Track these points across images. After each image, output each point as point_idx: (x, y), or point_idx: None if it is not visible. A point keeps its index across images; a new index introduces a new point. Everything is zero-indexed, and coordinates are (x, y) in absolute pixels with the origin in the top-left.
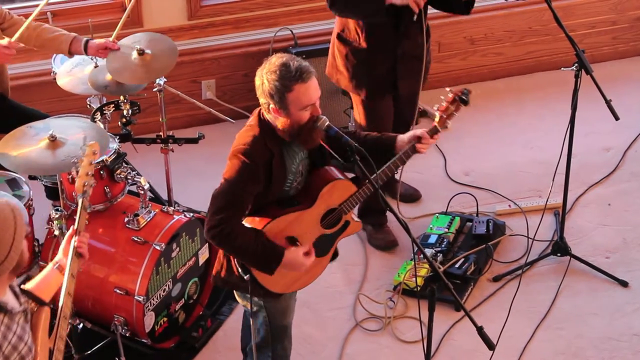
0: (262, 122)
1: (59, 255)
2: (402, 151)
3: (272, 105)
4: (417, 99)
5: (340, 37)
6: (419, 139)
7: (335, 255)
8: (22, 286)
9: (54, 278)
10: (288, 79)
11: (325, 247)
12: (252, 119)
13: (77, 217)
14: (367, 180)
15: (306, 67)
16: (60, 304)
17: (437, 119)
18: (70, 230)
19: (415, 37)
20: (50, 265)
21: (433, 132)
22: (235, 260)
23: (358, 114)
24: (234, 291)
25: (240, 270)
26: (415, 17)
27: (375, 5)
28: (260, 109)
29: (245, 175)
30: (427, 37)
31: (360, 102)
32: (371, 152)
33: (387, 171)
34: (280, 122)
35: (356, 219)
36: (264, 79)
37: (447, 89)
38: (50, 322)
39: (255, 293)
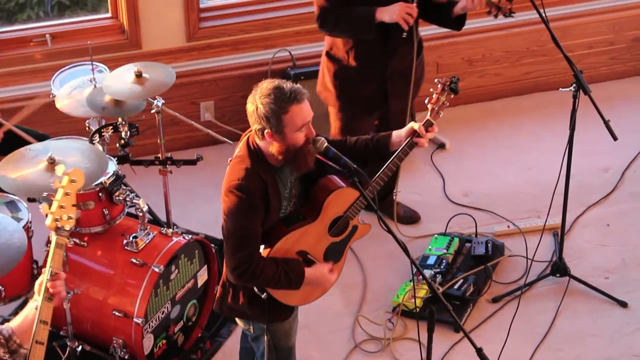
0: (252, 152)
1: (36, 295)
2: (401, 148)
3: (267, 130)
4: (405, 116)
5: (329, 55)
6: (415, 132)
7: None
8: (5, 324)
9: (33, 319)
10: (283, 101)
11: (337, 255)
12: (241, 149)
13: (49, 258)
14: (367, 186)
15: (299, 89)
16: (27, 351)
17: (430, 112)
18: (44, 275)
19: (404, 54)
20: (29, 305)
21: (428, 125)
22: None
23: (334, 128)
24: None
25: (257, 289)
26: (404, 34)
27: (365, 23)
28: (248, 137)
29: (246, 211)
30: (419, 52)
31: (340, 117)
32: (366, 155)
33: (387, 171)
34: (275, 147)
35: (363, 221)
36: (258, 103)
37: (436, 80)
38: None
39: (264, 320)
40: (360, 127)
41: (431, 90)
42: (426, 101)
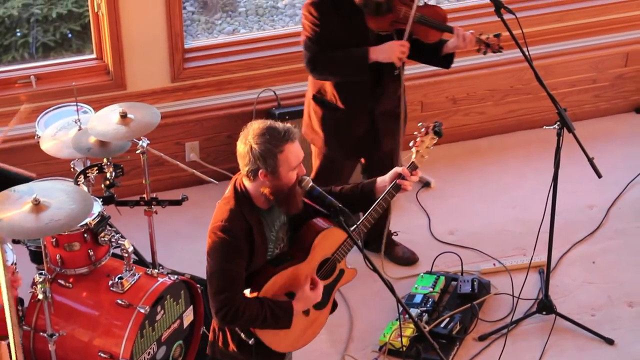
0: (239, 193)
1: None
2: (386, 191)
3: (261, 170)
4: (397, 155)
5: (316, 99)
6: (400, 175)
7: (334, 306)
8: None
9: None
10: (278, 140)
11: (324, 298)
12: (229, 191)
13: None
14: (354, 229)
15: (291, 128)
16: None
17: (414, 155)
18: None
19: (392, 93)
20: None
21: (412, 168)
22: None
23: (314, 167)
24: None
25: (243, 335)
26: (396, 71)
27: (358, 65)
28: (237, 180)
29: (229, 253)
30: (403, 92)
31: (324, 157)
32: (352, 202)
33: (373, 214)
34: (267, 188)
35: (349, 266)
36: (252, 143)
37: (420, 123)
38: None
39: None
40: (342, 167)
41: (415, 133)
42: (411, 144)
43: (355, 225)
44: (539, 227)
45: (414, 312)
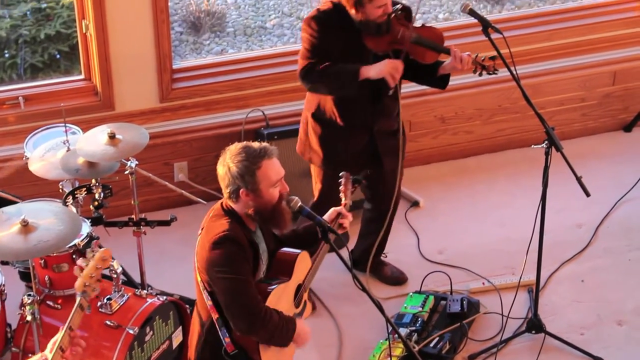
0: (228, 211)
1: (47, 352)
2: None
3: (242, 189)
4: (397, 174)
5: (315, 116)
6: (339, 215)
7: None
8: None
9: None
10: (254, 157)
11: None
12: (216, 211)
13: (70, 315)
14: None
15: (268, 146)
16: None
17: (344, 199)
18: (60, 333)
19: (390, 112)
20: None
21: (347, 209)
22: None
23: (316, 189)
24: None
25: None
26: (390, 91)
27: (349, 79)
28: (222, 202)
29: (238, 258)
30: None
31: (325, 177)
32: (303, 241)
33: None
34: (250, 207)
35: (308, 299)
36: (229, 164)
37: (340, 173)
38: None
39: None
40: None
41: (339, 181)
42: (339, 189)
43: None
44: (528, 245)
45: (403, 331)
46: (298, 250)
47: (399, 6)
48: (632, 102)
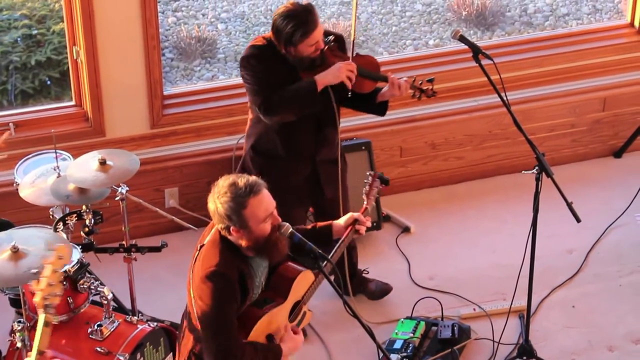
0: (224, 239)
1: None
2: (345, 236)
3: (232, 227)
4: (345, 200)
5: (255, 148)
6: (356, 221)
7: None
8: None
9: None
10: (240, 196)
11: None
12: (213, 235)
13: (36, 337)
14: (321, 269)
15: (254, 180)
16: None
17: (365, 202)
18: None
19: (332, 142)
20: None
21: (366, 214)
22: None
23: None
24: None
25: None
26: (349, 93)
27: (309, 95)
28: (219, 231)
29: (225, 297)
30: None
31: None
32: (321, 237)
33: (336, 257)
34: (244, 241)
35: (308, 308)
36: (217, 203)
37: (368, 172)
38: None
39: None
40: (293, 215)
41: (365, 181)
42: (362, 193)
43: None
44: (519, 271)
45: (394, 357)
46: (300, 268)
47: (331, 37)
48: (622, 128)
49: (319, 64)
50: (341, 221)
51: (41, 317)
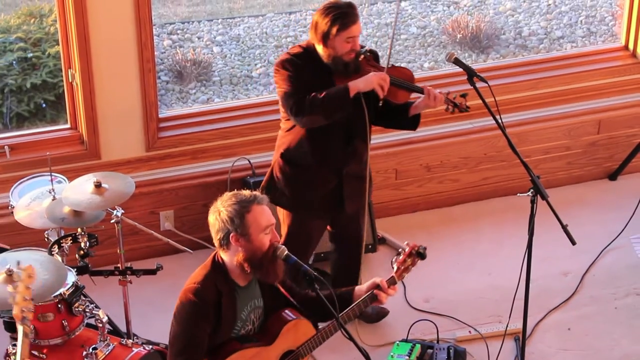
0: (215, 262)
1: None
2: (362, 299)
3: (232, 234)
4: (362, 217)
5: (284, 156)
6: (378, 286)
7: None
8: None
9: None
10: (244, 201)
11: None
12: (208, 260)
13: (17, 347)
14: (330, 319)
15: (258, 194)
16: None
17: (394, 270)
18: None
19: (361, 156)
20: None
21: (391, 282)
22: None
23: (283, 231)
24: None
25: None
26: (380, 103)
27: (342, 100)
28: (216, 252)
29: (195, 315)
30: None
31: (292, 219)
32: (320, 308)
33: (345, 317)
34: (240, 254)
35: None
36: (220, 209)
37: (405, 242)
38: None
39: None
40: (311, 230)
41: (399, 250)
42: (393, 260)
43: (322, 328)
44: (514, 294)
45: None
46: (294, 317)
47: (366, 48)
48: (617, 150)
49: (352, 70)
50: (363, 286)
51: (20, 330)
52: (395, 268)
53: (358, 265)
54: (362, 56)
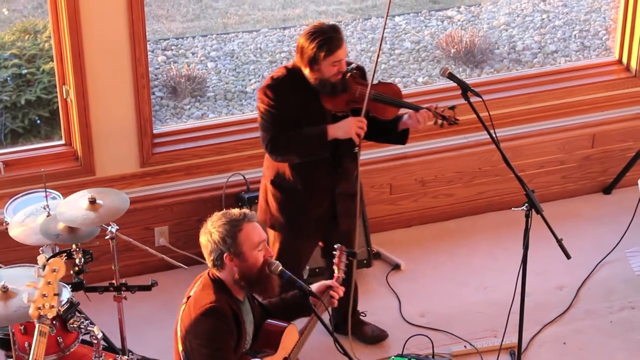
0: (215, 281)
1: None
2: (320, 304)
3: (225, 254)
4: (354, 235)
5: (274, 183)
6: (329, 287)
7: None
8: None
9: None
10: (235, 220)
11: None
12: (203, 280)
13: (33, 347)
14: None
15: (248, 211)
16: None
17: (336, 272)
18: None
19: (350, 175)
20: None
21: (340, 282)
22: None
23: (274, 251)
24: None
25: None
26: (355, 149)
27: (318, 142)
28: (208, 271)
29: (222, 332)
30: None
31: (283, 239)
32: (291, 309)
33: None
34: (235, 272)
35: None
36: (211, 230)
37: (335, 245)
38: None
39: None
40: (303, 249)
41: (334, 253)
42: (333, 261)
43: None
44: (510, 308)
45: None
46: (285, 324)
47: (353, 65)
48: (611, 164)
49: (340, 89)
50: (313, 288)
51: (37, 327)
52: (337, 270)
53: (351, 280)
54: (349, 74)
